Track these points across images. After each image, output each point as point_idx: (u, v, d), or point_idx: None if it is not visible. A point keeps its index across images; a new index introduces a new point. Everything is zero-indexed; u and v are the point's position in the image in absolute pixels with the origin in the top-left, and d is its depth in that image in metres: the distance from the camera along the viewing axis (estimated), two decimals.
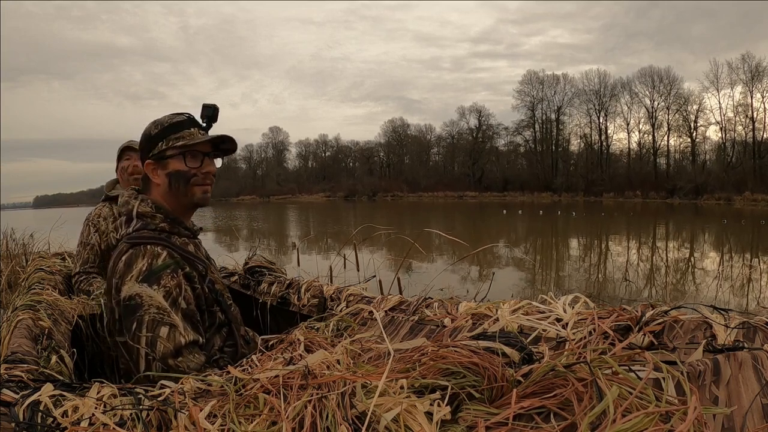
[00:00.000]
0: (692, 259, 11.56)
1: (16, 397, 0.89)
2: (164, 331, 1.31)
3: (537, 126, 58.96)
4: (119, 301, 1.35)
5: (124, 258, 1.38)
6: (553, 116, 57.61)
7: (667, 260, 11.45)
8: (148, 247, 1.38)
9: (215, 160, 1.54)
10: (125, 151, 2.62)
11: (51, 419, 0.84)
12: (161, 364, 1.29)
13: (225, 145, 1.54)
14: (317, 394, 0.88)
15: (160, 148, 1.46)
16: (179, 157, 1.46)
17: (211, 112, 1.51)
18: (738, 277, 8.79)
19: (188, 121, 1.49)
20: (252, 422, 0.85)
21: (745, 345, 0.91)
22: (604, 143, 54.68)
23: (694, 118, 48.50)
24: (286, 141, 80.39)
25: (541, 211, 30.55)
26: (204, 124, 1.52)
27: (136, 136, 1.60)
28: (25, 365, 1.16)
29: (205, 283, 1.47)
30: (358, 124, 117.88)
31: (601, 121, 54.36)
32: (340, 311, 1.67)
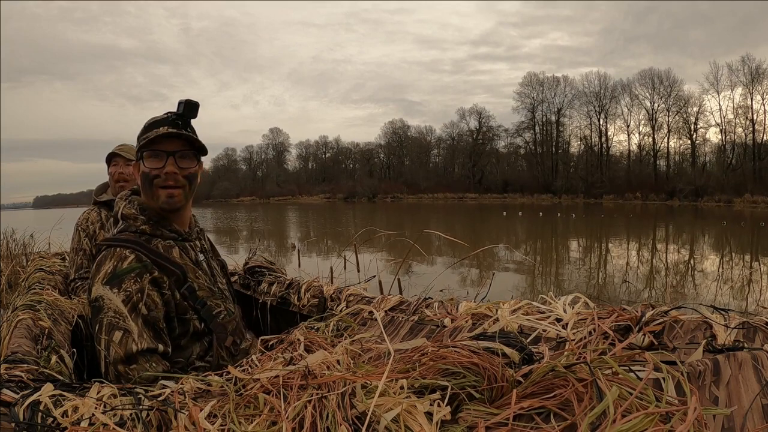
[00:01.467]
0: (692, 261, 11.55)
1: (16, 397, 0.89)
2: (118, 335, 1.28)
3: (537, 128, 59.13)
4: (89, 302, 1.36)
5: (97, 259, 1.38)
6: (553, 118, 57.78)
7: (666, 262, 11.44)
8: (117, 249, 1.36)
9: (187, 161, 1.44)
10: (113, 157, 2.62)
11: (51, 419, 0.84)
12: (113, 369, 1.27)
13: (199, 143, 1.45)
14: (317, 394, 0.88)
15: (136, 149, 1.45)
16: (148, 155, 1.41)
17: (181, 109, 1.42)
18: (738, 279, 8.79)
19: (164, 119, 1.42)
20: (252, 422, 0.85)
21: (745, 345, 0.91)
22: (604, 145, 54.77)
23: (694, 120, 48.63)
24: (286, 142, 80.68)
25: (540, 213, 30.54)
26: (179, 122, 1.42)
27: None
28: (25, 365, 1.16)
29: (181, 290, 1.41)
30: (359, 126, 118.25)
31: (601, 123, 54.51)
32: (340, 311, 1.67)
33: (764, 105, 43.51)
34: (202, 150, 1.46)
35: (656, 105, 50.48)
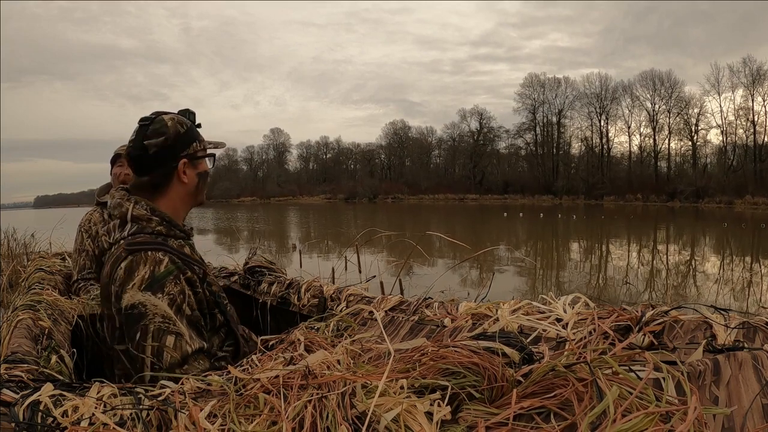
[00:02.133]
0: (693, 262, 11.55)
1: (16, 397, 0.88)
2: (170, 340, 1.29)
3: (538, 129, 59.18)
4: (120, 310, 1.31)
5: (123, 265, 1.33)
6: (554, 119, 57.80)
7: (667, 263, 11.44)
8: (149, 253, 1.34)
9: None
10: (118, 158, 2.63)
11: (51, 419, 0.84)
12: (168, 374, 1.25)
13: None
14: (317, 394, 0.88)
15: (195, 149, 1.47)
16: (207, 158, 1.54)
17: (194, 119, 1.56)
18: (738, 281, 8.78)
19: (193, 123, 1.54)
20: (252, 422, 0.85)
21: (745, 345, 0.91)
22: (605, 146, 54.79)
23: (695, 122, 48.66)
24: (287, 142, 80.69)
25: (541, 214, 30.54)
26: None
27: None
28: (25, 365, 1.16)
29: (205, 286, 1.44)
30: (359, 126, 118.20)
31: (602, 124, 54.54)
32: (340, 311, 1.67)
33: (765, 106, 43.56)
34: None
35: (657, 106, 50.57)
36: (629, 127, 53.14)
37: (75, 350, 1.49)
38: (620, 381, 0.78)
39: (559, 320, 1.22)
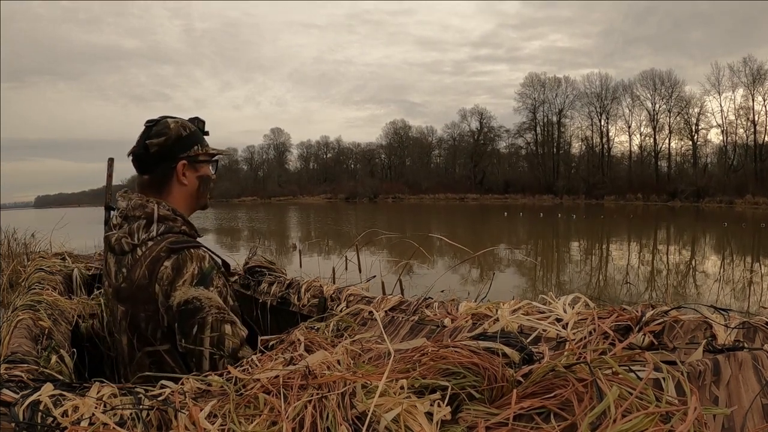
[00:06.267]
0: (693, 262, 11.54)
1: (16, 397, 0.88)
2: (228, 328, 1.36)
3: (538, 128, 59.26)
4: (170, 308, 1.33)
5: (168, 264, 1.35)
6: (554, 119, 57.86)
7: (668, 263, 11.43)
8: (192, 250, 1.38)
9: None
10: None
11: (51, 419, 0.84)
12: (231, 360, 1.31)
13: None
14: (317, 394, 0.88)
15: (196, 152, 1.50)
16: (210, 163, 1.56)
17: (203, 126, 1.61)
18: (739, 281, 8.78)
19: (200, 131, 1.57)
20: (252, 422, 0.85)
21: (746, 345, 0.91)
22: (606, 146, 54.81)
23: (695, 121, 48.70)
24: (287, 142, 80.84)
25: (541, 214, 30.54)
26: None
27: None
28: (25, 365, 1.16)
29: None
30: (360, 127, 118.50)
31: (602, 123, 54.58)
32: (340, 311, 1.67)
33: (765, 106, 43.60)
34: None
35: (657, 106, 50.65)
36: (629, 127, 53.29)
37: (75, 350, 1.49)
38: (620, 381, 0.78)
39: (559, 320, 1.22)
